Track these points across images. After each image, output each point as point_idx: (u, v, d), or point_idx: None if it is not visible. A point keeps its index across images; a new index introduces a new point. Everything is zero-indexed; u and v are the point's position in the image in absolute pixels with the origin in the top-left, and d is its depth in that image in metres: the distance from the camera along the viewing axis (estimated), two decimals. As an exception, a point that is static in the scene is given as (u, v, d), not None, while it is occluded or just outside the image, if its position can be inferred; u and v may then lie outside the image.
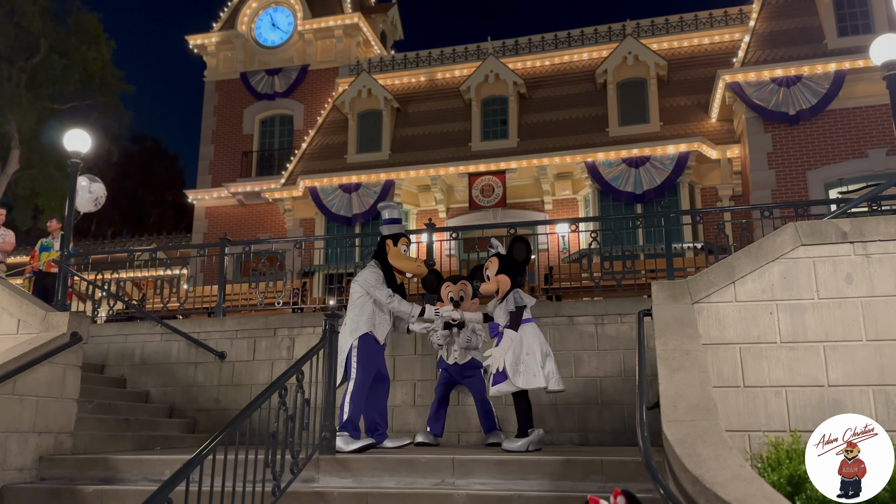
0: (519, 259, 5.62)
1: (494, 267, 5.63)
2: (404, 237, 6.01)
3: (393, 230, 6.03)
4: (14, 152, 20.20)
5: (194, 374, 8.03)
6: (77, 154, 8.25)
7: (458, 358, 6.08)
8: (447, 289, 6.11)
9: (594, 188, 15.70)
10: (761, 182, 14.05)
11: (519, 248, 5.63)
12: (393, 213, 6.18)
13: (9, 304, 6.10)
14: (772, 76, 14.10)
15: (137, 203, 35.77)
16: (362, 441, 5.38)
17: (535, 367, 5.31)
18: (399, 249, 5.94)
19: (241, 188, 19.25)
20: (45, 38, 20.78)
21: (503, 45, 18.87)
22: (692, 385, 3.99)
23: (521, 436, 5.31)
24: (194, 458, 3.50)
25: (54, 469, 5.52)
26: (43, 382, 5.65)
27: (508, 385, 5.31)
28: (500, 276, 5.58)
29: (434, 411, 6.26)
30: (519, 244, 5.66)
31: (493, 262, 5.66)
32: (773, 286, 4.72)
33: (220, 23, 21.19)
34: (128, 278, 16.25)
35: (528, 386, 5.30)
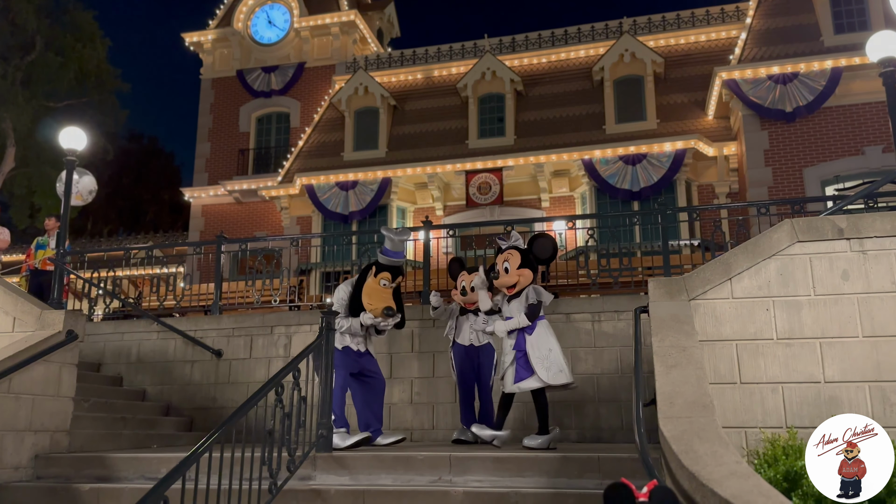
0: (542, 256, 5.54)
1: (517, 261, 5.49)
2: (386, 272, 5.84)
3: (382, 261, 5.91)
4: (9, 150, 20.13)
5: (191, 373, 8.02)
6: (73, 152, 8.22)
7: (475, 340, 6.09)
8: (461, 279, 6.16)
9: (591, 185, 15.70)
10: (758, 179, 14.06)
11: (544, 245, 5.54)
12: (395, 247, 5.92)
13: (4, 302, 6.08)
14: (768, 73, 14.10)
15: (133, 201, 35.69)
16: (358, 436, 5.42)
17: (561, 363, 5.31)
18: (377, 282, 5.84)
19: (238, 186, 19.21)
20: (40, 35, 20.71)
21: (500, 42, 18.85)
22: (689, 382, 3.99)
23: (542, 433, 5.31)
24: (190, 456, 3.49)
25: (50, 468, 5.50)
26: (39, 381, 5.63)
27: (535, 381, 5.27)
28: (523, 270, 5.47)
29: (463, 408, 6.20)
30: (544, 241, 5.57)
31: (514, 255, 5.51)
32: (769, 283, 4.72)
33: (217, 20, 21.13)
34: (124, 276, 16.23)
35: (557, 382, 5.27)
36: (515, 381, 5.35)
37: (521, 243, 5.64)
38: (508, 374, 5.42)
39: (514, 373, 5.37)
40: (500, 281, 5.57)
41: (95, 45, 22.09)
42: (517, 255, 5.52)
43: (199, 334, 8.07)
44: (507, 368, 5.44)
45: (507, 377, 5.43)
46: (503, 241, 5.75)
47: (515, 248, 5.58)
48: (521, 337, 5.40)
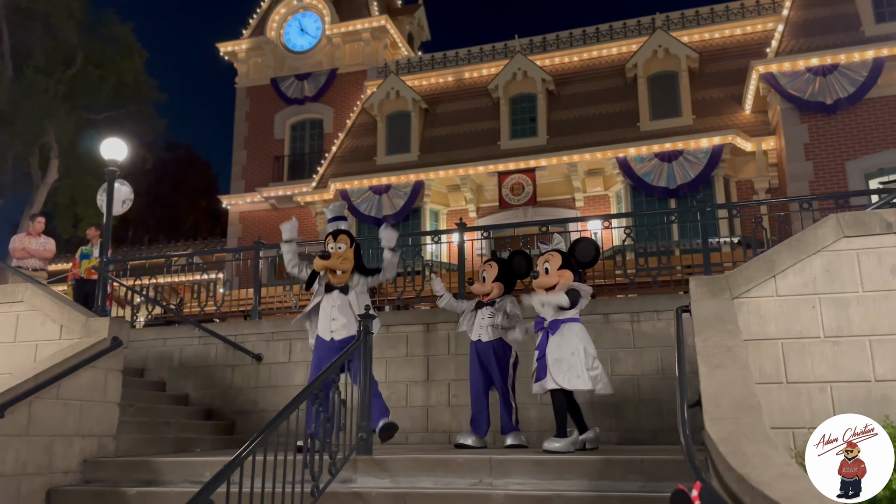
0: (584, 260, 5.54)
1: (557, 262, 5.52)
2: (329, 236, 6.08)
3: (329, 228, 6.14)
4: (53, 162, 20.67)
5: (232, 377, 8.12)
6: (114, 162, 8.40)
7: (483, 335, 6.05)
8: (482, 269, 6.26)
9: (626, 184, 15.53)
10: (798, 174, 13.75)
11: (586, 248, 5.55)
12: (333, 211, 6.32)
13: (51, 311, 6.23)
14: (807, 65, 13.79)
15: (172, 209, 36.36)
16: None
17: (579, 368, 5.21)
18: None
19: (274, 192, 19.46)
20: (80, 49, 21.24)
21: (531, 42, 18.77)
22: (734, 382, 3.91)
23: (560, 436, 5.25)
24: (234, 460, 3.53)
25: (98, 472, 5.62)
26: (86, 387, 5.75)
27: (549, 382, 5.24)
28: (563, 272, 5.48)
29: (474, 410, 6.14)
30: (587, 245, 5.58)
31: (555, 257, 5.56)
32: (815, 279, 4.60)
33: (250, 29, 21.45)
34: (165, 283, 16.53)
35: (571, 386, 5.21)
36: (535, 381, 5.36)
37: (562, 247, 5.66)
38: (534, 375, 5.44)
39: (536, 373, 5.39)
40: (540, 281, 5.55)
41: (133, 58, 22.60)
42: (558, 256, 5.54)
43: (239, 339, 8.18)
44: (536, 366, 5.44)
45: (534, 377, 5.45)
46: (544, 245, 5.75)
47: (556, 251, 5.59)
48: (545, 337, 5.37)
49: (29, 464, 5.22)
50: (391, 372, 7.53)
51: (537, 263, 5.64)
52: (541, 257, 5.65)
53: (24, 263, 10.70)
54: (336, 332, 5.80)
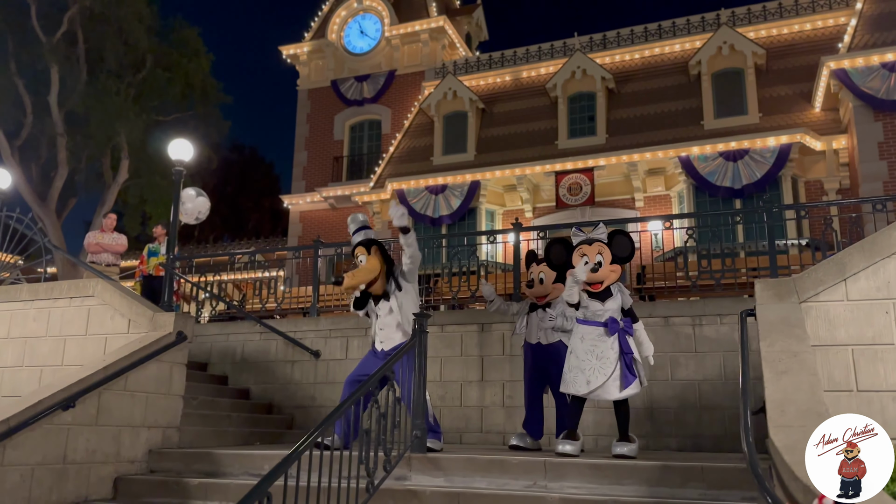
0: (621, 255, 5.23)
1: (609, 256, 5.20)
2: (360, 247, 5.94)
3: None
4: (124, 163, 21.48)
5: (291, 372, 8.28)
6: (181, 162, 8.66)
7: (542, 338, 5.99)
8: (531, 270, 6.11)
9: (689, 183, 15.16)
10: (871, 174, 13.16)
11: (624, 243, 5.23)
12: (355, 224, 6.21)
13: (120, 306, 6.47)
14: (881, 61, 13.18)
15: (237, 209, 37.36)
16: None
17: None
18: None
19: (333, 192, 19.77)
20: (150, 53, 22.02)
21: (590, 39, 18.53)
22: (801, 389, 3.76)
23: (625, 439, 5.13)
24: (291, 454, 3.59)
25: (162, 462, 5.80)
26: (152, 379, 5.95)
27: (636, 387, 5.09)
28: (615, 266, 5.21)
29: (529, 412, 6.09)
30: (625, 239, 5.24)
31: (606, 251, 5.21)
32: (888, 284, 4.39)
33: (312, 32, 21.83)
34: (229, 280, 16.98)
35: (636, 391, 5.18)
36: (624, 387, 5.03)
37: (605, 237, 5.31)
38: (612, 379, 5.03)
39: (620, 377, 5.03)
40: (592, 276, 5.19)
41: (200, 61, 23.26)
42: (608, 250, 5.23)
43: (298, 335, 8.33)
44: (612, 371, 5.05)
45: (611, 382, 5.04)
46: (580, 233, 5.43)
47: (603, 243, 5.28)
48: (624, 337, 5.14)
49: (98, 452, 5.43)
50: (446, 371, 7.54)
51: (586, 253, 5.25)
52: (591, 248, 5.24)
53: (98, 258, 11.18)
54: (384, 343, 5.82)
